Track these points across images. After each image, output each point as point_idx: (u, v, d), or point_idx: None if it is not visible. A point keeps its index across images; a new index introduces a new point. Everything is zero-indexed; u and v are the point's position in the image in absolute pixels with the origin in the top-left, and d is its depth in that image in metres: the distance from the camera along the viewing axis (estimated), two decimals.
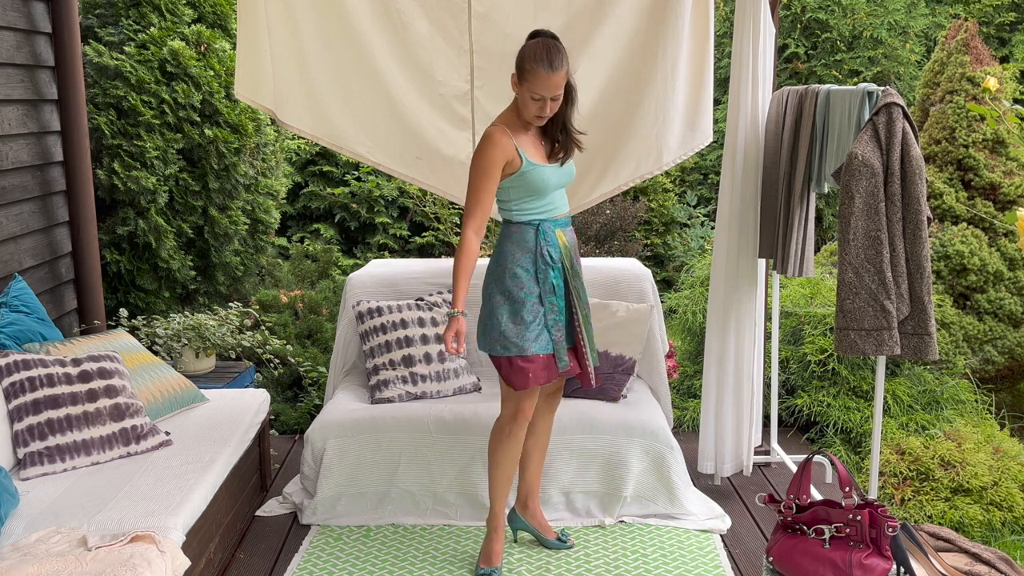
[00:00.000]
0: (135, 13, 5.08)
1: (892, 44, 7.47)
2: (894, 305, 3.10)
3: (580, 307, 3.20)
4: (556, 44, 2.97)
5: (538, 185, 3.09)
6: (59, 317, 4.18)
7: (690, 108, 4.00)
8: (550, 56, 2.94)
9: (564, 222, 3.20)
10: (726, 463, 3.92)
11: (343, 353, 4.19)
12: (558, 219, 3.18)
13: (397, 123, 4.08)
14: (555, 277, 3.14)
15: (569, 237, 3.21)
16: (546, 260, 3.12)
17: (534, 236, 3.12)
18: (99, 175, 4.81)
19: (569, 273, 3.17)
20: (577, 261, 3.23)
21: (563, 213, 3.20)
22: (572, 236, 3.23)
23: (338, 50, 3.96)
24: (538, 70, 2.93)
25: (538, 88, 2.95)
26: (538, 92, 2.96)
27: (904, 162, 3.07)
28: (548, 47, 2.95)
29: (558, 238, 3.16)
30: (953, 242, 5.10)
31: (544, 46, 2.96)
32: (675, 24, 3.85)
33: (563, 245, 3.16)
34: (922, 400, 4.64)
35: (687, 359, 5.27)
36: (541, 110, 3.01)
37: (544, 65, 2.93)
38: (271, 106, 4.07)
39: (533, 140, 3.14)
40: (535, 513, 3.45)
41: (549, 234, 3.13)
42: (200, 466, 3.10)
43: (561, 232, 3.17)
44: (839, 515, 2.82)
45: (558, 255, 3.14)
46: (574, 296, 3.19)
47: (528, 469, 3.39)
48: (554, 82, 2.95)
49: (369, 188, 7.05)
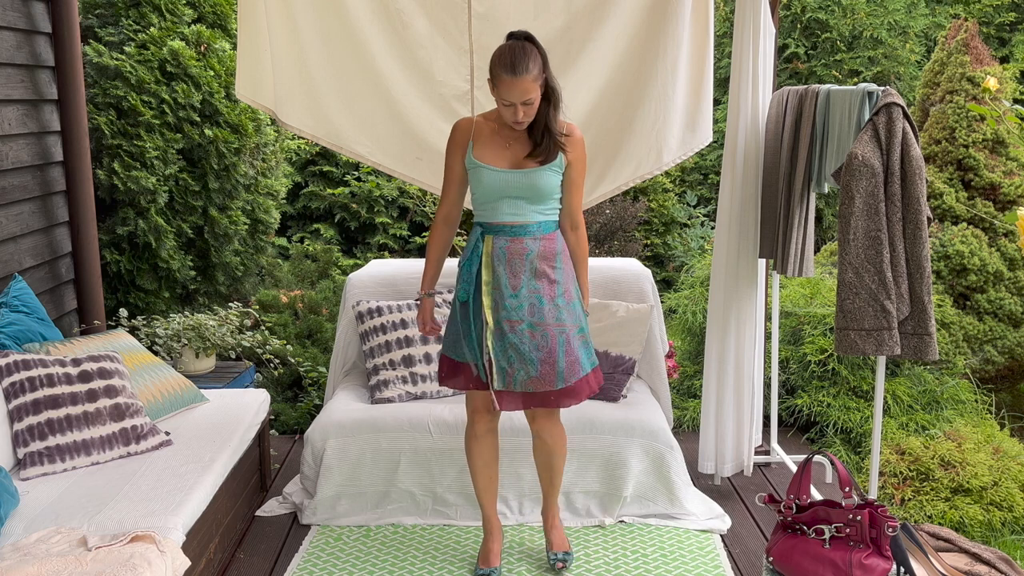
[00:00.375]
0: (135, 13, 5.08)
1: (892, 44, 7.47)
2: (894, 305, 3.10)
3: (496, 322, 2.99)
4: (523, 46, 2.84)
5: (480, 186, 3.00)
6: (59, 317, 4.19)
7: (690, 108, 4.00)
8: (513, 60, 2.80)
9: (503, 230, 3.00)
10: (726, 463, 3.92)
11: (343, 353, 4.19)
12: (494, 225, 3.00)
13: (397, 123, 4.08)
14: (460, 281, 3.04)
15: (503, 246, 2.99)
16: (468, 266, 3.04)
17: (472, 240, 3.05)
18: (99, 175, 4.81)
19: (486, 284, 2.99)
20: (508, 273, 2.99)
21: (508, 221, 2.99)
22: (518, 247, 2.99)
23: (338, 50, 3.96)
24: (502, 75, 2.82)
25: (504, 94, 2.84)
26: (505, 98, 2.85)
27: (904, 162, 3.07)
28: (513, 50, 2.82)
29: (484, 245, 3.00)
30: (953, 242, 5.10)
31: (510, 50, 2.83)
32: (675, 24, 3.85)
33: (486, 253, 3.00)
34: (922, 400, 4.64)
35: (687, 359, 5.27)
36: (515, 115, 2.88)
37: (507, 70, 2.80)
38: (271, 106, 4.07)
39: (507, 141, 3.00)
40: (544, 518, 3.36)
41: (477, 242, 3.02)
42: (200, 466, 3.10)
43: (491, 239, 3.00)
44: (839, 515, 2.82)
45: (475, 265, 3.01)
46: (487, 309, 2.99)
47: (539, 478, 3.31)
48: (520, 87, 2.81)
49: (369, 188, 7.05)
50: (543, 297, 2.99)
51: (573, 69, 3.96)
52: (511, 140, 3.00)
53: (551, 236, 3.05)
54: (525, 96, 2.83)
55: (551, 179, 3.00)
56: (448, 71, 4.01)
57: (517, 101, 2.84)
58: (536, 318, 2.98)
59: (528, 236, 3.00)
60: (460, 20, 3.93)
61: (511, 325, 2.98)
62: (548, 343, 2.98)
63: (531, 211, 3.00)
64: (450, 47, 3.98)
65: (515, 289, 2.98)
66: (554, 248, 3.04)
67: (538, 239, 3.01)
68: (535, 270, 2.99)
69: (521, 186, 2.97)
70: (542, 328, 2.98)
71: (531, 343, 2.97)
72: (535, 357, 2.97)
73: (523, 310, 2.99)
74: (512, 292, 2.98)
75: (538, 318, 2.98)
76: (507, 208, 2.99)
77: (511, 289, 2.98)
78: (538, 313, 2.98)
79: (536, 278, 2.99)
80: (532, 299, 2.99)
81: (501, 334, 2.99)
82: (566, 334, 3.00)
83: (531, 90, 2.83)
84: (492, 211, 3.01)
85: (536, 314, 2.98)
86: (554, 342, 2.98)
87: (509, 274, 2.99)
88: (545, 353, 2.98)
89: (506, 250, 2.99)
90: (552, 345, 2.98)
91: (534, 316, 2.98)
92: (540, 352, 2.98)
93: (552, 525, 3.34)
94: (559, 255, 3.05)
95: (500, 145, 3.01)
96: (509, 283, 2.98)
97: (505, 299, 2.98)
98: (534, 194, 2.99)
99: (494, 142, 3.01)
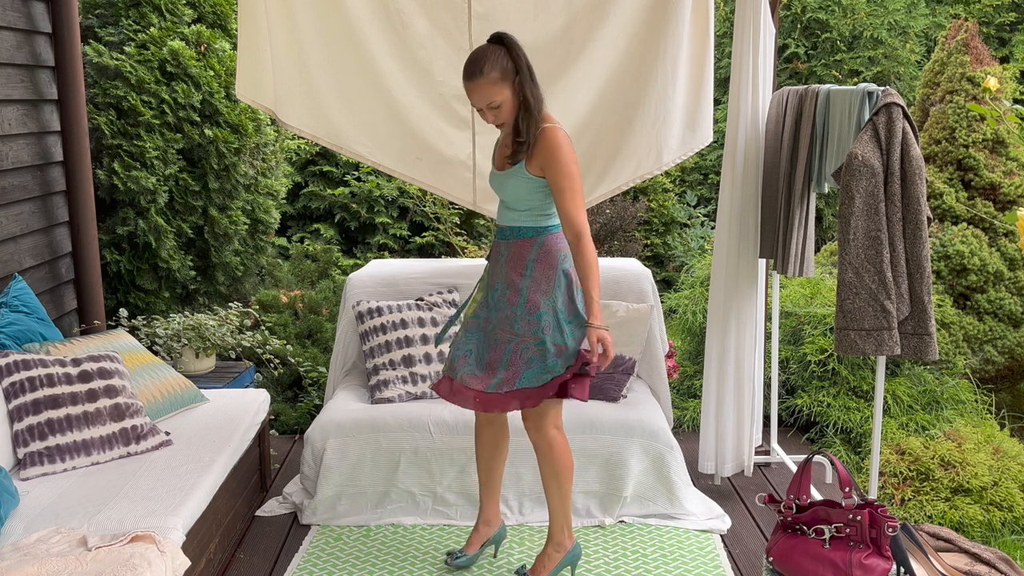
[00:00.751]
0: (135, 13, 5.08)
1: (892, 44, 7.47)
2: (894, 305, 3.10)
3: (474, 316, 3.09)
4: (486, 49, 2.84)
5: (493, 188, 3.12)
6: (59, 317, 4.18)
7: (690, 108, 4.00)
8: (471, 66, 2.83)
9: (499, 231, 3.08)
10: (726, 463, 3.92)
11: (343, 353, 4.20)
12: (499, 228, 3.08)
13: (397, 123, 4.08)
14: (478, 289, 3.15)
15: (494, 245, 3.09)
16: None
17: None
18: (99, 175, 4.81)
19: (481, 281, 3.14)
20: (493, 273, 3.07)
21: (499, 223, 3.07)
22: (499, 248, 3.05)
23: (338, 50, 3.96)
24: (463, 81, 2.87)
25: (469, 97, 2.89)
26: (471, 101, 2.90)
27: (904, 162, 3.07)
28: (475, 55, 2.85)
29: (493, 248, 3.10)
30: (953, 242, 5.10)
31: (472, 55, 2.86)
32: (675, 24, 3.85)
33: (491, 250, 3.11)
34: (922, 400, 4.64)
35: (687, 359, 5.27)
36: (486, 118, 2.92)
37: (464, 76, 2.85)
38: (271, 106, 4.07)
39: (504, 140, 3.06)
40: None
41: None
42: (200, 466, 3.10)
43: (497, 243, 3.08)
44: (839, 515, 2.82)
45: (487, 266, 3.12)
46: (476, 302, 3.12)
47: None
48: (478, 92, 2.84)
49: (369, 188, 7.05)
50: (505, 302, 3.00)
51: (573, 69, 3.96)
52: (506, 139, 3.04)
53: (525, 242, 2.98)
54: (486, 100, 2.85)
55: (516, 183, 2.95)
56: (448, 71, 4.01)
57: (479, 105, 2.88)
58: (497, 321, 3.02)
59: (503, 240, 3.03)
60: (460, 20, 3.93)
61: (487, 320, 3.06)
62: (496, 347, 3.00)
63: (509, 214, 3.03)
64: (450, 47, 3.98)
65: (493, 287, 3.06)
66: (525, 255, 2.98)
67: (510, 243, 3.01)
68: (505, 275, 3.01)
69: (498, 187, 3.05)
70: (496, 332, 3.01)
71: (485, 343, 3.04)
72: (483, 356, 3.03)
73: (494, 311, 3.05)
74: (493, 289, 3.06)
75: (497, 321, 3.02)
76: (500, 209, 3.09)
77: (492, 287, 3.07)
78: (498, 316, 3.02)
79: (507, 283, 3.00)
80: (500, 302, 3.02)
81: (474, 327, 3.07)
82: (514, 344, 2.96)
83: (492, 93, 2.84)
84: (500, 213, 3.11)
85: (498, 317, 3.02)
86: (500, 349, 2.98)
87: (494, 272, 3.07)
88: (491, 356, 3.01)
89: (494, 249, 3.09)
90: (498, 352, 2.99)
91: (496, 317, 3.03)
92: (489, 353, 3.02)
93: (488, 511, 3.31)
94: (531, 263, 2.97)
95: (501, 145, 3.09)
96: (491, 281, 3.07)
97: (491, 295, 3.07)
98: (505, 196, 3.02)
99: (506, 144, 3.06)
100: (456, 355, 3.08)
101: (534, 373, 2.95)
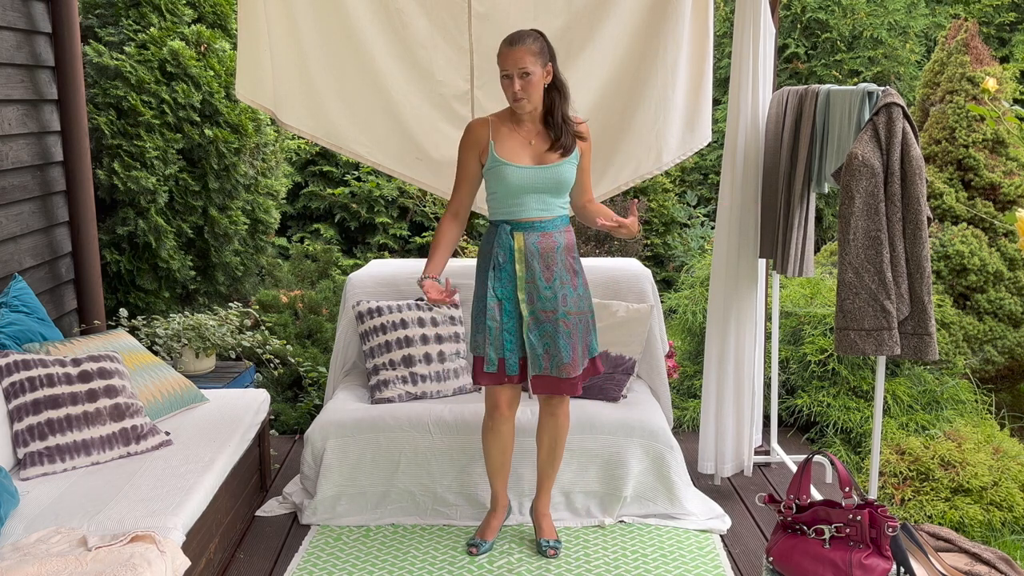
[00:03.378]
0: (135, 13, 5.08)
1: (892, 44, 7.47)
2: (894, 305, 3.10)
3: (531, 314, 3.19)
4: (529, 30, 3.10)
5: (504, 183, 3.15)
6: (59, 317, 4.18)
7: (690, 108, 4.00)
8: (511, 36, 3.06)
9: (533, 226, 3.19)
10: (727, 463, 3.92)
11: (343, 353, 4.19)
12: (523, 222, 3.18)
13: (397, 123, 4.08)
14: (495, 280, 3.19)
15: (535, 242, 3.19)
16: (494, 263, 3.18)
17: (493, 237, 3.21)
18: (99, 175, 4.81)
19: (520, 279, 3.18)
20: (543, 267, 3.19)
21: (536, 217, 3.18)
22: (548, 241, 3.20)
23: (338, 50, 3.96)
24: (501, 48, 3.06)
25: (502, 64, 3.04)
26: (504, 70, 3.04)
27: (904, 162, 3.07)
28: (516, 32, 3.08)
29: (516, 241, 3.18)
30: (953, 242, 5.10)
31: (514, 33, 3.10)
32: (675, 24, 3.85)
33: (519, 249, 3.17)
34: (922, 400, 4.64)
35: (687, 359, 5.27)
36: (512, 88, 3.04)
37: (506, 43, 3.05)
38: (271, 106, 4.07)
39: (525, 138, 3.17)
40: (535, 508, 3.49)
41: (503, 236, 3.18)
42: (200, 466, 3.10)
43: (522, 235, 3.18)
44: (839, 515, 2.82)
45: (507, 259, 3.18)
46: (522, 303, 3.18)
47: (537, 468, 3.47)
48: (515, 56, 3.01)
49: (369, 188, 7.05)
50: (571, 288, 3.21)
51: (573, 69, 3.96)
52: (532, 136, 3.17)
53: (570, 229, 3.27)
54: (521, 65, 3.01)
55: (571, 172, 3.19)
56: (448, 71, 4.01)
57: (513, 70, 3.02)
58: (568, 307, 3.20)
59: (555, 230, 3.20)
60: (460, 20, 3.93)
61: (546, 315, 3.19)
62: (573, 330, 3.20)
63: (555, 206, 3.20)
64: (450, 47, 3.98)
65: (549, 281, 3.18)
66: (573, 240, 3.26)
67: (563, 232, 3.22)
68: (564, 263, 3.20)
69: (547, 181, 3.15)
70: (574, 317, 3.20)
71: (564, 331, 3.18)
72: (567, 344, 3.18)
73: (556, 300, 3.19)
74: (547, 284, 3.18)
75: (569, 307, 3.20)
76: (534, 204, 3.17)
77: (546, 282, 3.18)
78: (569, 302, 3.20)
79: (566, 270, 3.21)
80: (564, 290, 3.19)
81: (537, 324, 3.19)
82: (586, 321, 3.26)
83: (528, 62, 3.01)
84: (519, 208, 3.17)
85: (568, 303, 3.20)
86: (576, 330, 3.21)
87: (543, 268, 3.18)
88: (574, 340, 3.20)
89: (538, 245, 3.17)
90: (576, 332, 3.21)
91: (566, 306, 3.19)
92: (571, 339, 3.19)
93: (544, 513, 3.47)
94: (574, 245, 3.28)
95: (520, 143, 3.17)
96: (543, 276, 3.17)
97: (541, 291, 3.18)
98: (558, 188, 3.18)
99: (514, 140, 3.16)
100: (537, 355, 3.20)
101: (594, 339, 3.31)
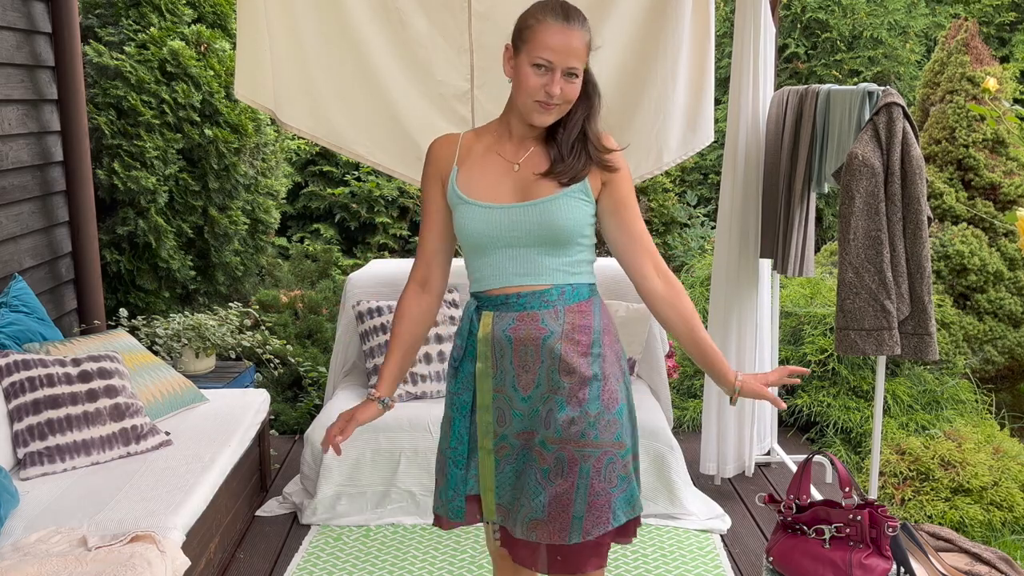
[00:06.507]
0: (135, 13, 5.08)
1: (892, 44, 7.47)
2: (894, 305, 3.10)
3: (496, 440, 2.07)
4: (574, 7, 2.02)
5: (465, 232, 2.04)
6: (59, 317, 4.18)
7: (690, 108, 4.00)
8: (565, 8, 1.97)
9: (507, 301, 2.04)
10: (728, 464, 3.92)
11: (343, 353, 4.19)
12: (494, 295, 2.05)
13: (397, 123, 4.08)
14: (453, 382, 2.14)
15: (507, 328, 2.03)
16: (452, 357, 2.15)
17: (465, 320, 2.12)
18: (99, 175, 4.81)
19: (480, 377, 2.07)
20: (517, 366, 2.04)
21: (514, 287, 2.03)
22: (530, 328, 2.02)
23: (337, 50, 3.96)
24: (547, 20, 1.95)
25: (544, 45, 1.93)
26: (543, 56, 1.94)
27: (904, 162, 3.07)
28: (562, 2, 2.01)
29: (481, 328, 2.06)
30: (953, 242, 5.10)
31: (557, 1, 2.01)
32: (675, 24, 3.85)
33: (483, 341, 2.05)
34: (922, 400, 4.63)
35: (687, 359, 5.27)
36: (549, 88, 1.95)
37: (557, 15, 1.95)
38: (271, 106, 4.07)
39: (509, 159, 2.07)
40: None
41: (470, 320, 2.10)
42: (200, 466, 3.10)
43: (492, 318, 2.05)
44: (839, 515, 2.82)
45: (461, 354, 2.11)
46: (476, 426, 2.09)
47: None
48: (569, 40, 1.94)
49: (369, 188, 7.05)
50: (565, 402, 2.01)
51: None
52: (521, 155, 2.07)
53: (585, 306, 2.07)
54: (572, 56, 1.95)
55: (576, 209, 2.02)
56: (448, 70, 4.01)
57: (559, 64, 1.94)
58: (551, 433, 2.02)
59: (546, 309, 2.03)
60: (460, 19, 3.93)
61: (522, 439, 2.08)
62: (564, 472, 2.00)
63: (550, 267, 2.04)
64: (450, 46, 3.98)
65: (526, 390, 2.05)
66: (590, 323, 2.05)
67: (562, 312, 2.04)
68: (558, 360, 2.02)
69: (531, 225, 2.01)
70: (557, 448, 2.01)
71: (540, 470, 2.02)
72: (541, 490, 2.01)
73: (536, 418, 2.05)
74: (523, 395, 2.05)
75: (554, 433, 2.01)
76: (511, 265, 2.04)
77: (522, 391, 2.05)
78: (554, 425, 2.01)
79: (560, 373, 2.02)
80: (550, 404, 2.03)
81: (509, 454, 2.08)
82: (596, 460, 2.01)
83: (581, 55, 1.97)
84: (488, 272, 2.06)
85: (551, 426, 2.02)
86: (574, 473, 2.00)
87: (518, 368, 2.05)
88: (558, 488, 2.00)
89: (511, 333, 2.04)
90: (571, 477, 2.00)
91: (549, 429, 2.02)
92: (552, 484, 2.01)
93: None
94: (599, 335, 2.06)
95: (498, 168, 2.06)
96: (518, 382, 2.05)
97: (514, 404, 2.06)
98: (552, 236, 2.01)
99: (489, 164, 2.07)
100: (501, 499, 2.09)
101: (626, 499, 2.06)
